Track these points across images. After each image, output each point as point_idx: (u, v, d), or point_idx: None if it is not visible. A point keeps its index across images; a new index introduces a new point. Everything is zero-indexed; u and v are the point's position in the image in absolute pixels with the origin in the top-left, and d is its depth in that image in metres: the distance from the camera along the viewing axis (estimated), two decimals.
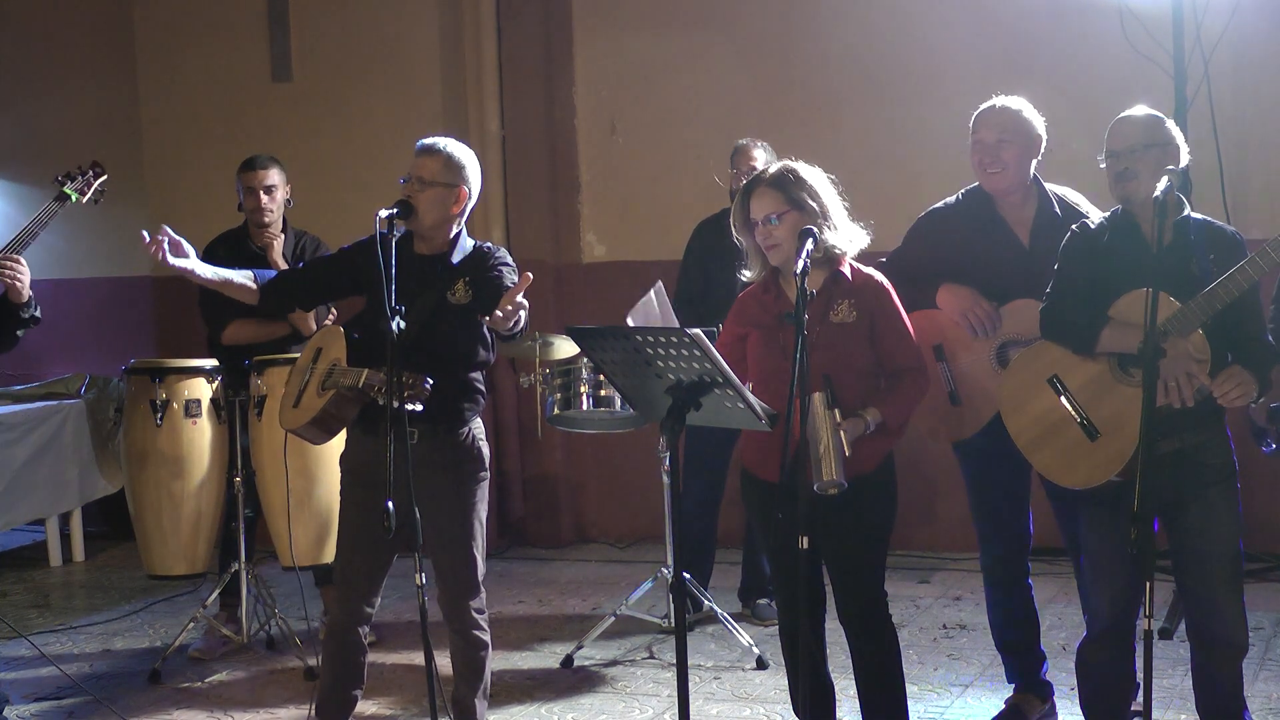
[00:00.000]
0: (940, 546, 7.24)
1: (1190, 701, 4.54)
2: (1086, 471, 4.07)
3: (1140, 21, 6.72)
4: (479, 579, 4.54)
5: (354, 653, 4.57)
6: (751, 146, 6.24)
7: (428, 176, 4.42)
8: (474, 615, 4.53)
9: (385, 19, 8.07)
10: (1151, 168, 3.98)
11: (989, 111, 4.70)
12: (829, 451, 3.96)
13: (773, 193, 4.16)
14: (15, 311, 5.03)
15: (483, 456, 4.55)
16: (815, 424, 3.97)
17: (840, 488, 3.97)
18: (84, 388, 7.95)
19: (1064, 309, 4.13)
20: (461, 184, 4.46)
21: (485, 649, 4.58)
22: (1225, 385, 3.87)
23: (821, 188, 4.19)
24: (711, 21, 7.79)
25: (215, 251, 6.06)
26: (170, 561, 5.86)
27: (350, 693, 4.60)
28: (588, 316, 7.78)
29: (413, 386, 4.15)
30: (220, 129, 8.25)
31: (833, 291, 4.19)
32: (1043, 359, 4.18)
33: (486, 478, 4.58)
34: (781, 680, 5.48)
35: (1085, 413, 4.06)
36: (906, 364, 4.23)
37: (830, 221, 4.15)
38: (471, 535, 4.50)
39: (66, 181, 5.53)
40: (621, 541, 7.99)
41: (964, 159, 4.80)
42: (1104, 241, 4.10)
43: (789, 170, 4.20)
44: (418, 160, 4.45)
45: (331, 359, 4.51)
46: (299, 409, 4.57)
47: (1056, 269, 4.21)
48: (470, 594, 4.52)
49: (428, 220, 4.42)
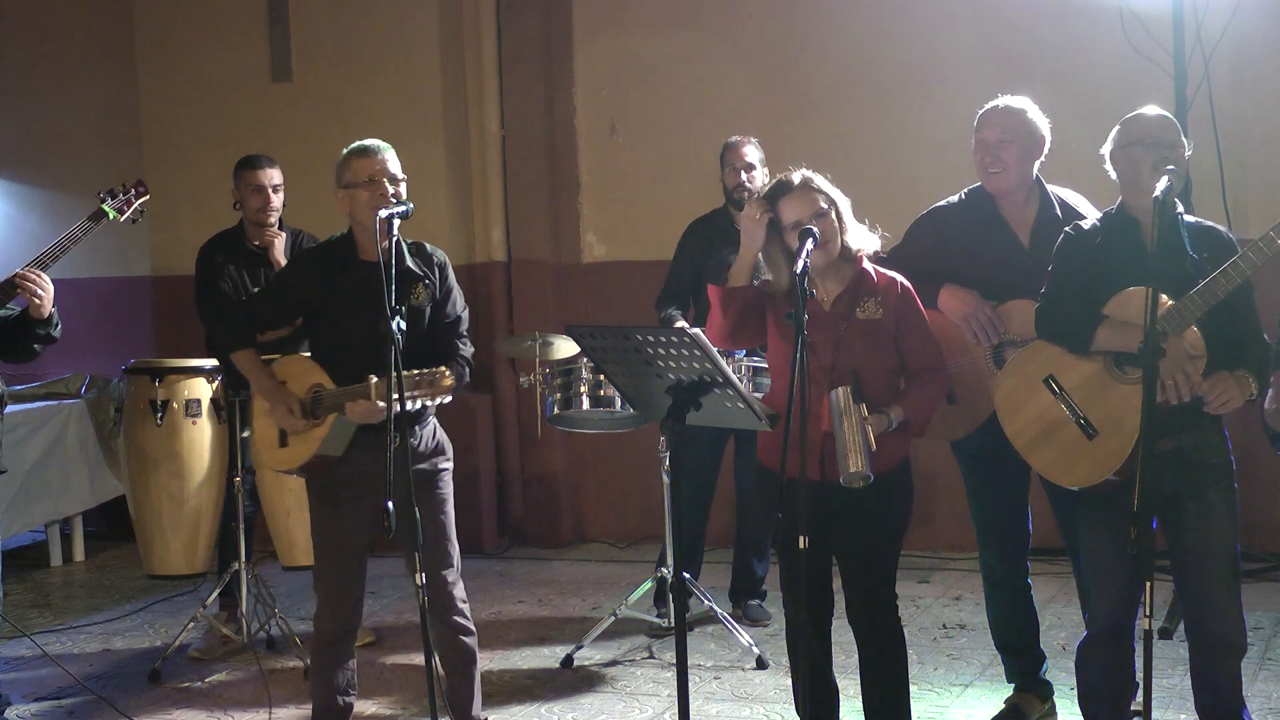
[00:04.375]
0: (940, 546, 7.23)
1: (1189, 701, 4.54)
2: (1085, 470, 4.07)
3: (1140, 21, 6.73)
4: (457, 567, 4.58)
5: (345, 659, 4.59)
6: (742, 144, 6.24)
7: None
8: (459, 604, 4.57)
9: (385, 19, 8.06)
10: (1179, 165, 4.01)
11: (992, 111, 4.70)
12: (855, 444, 3.98)
13: (808, 194, 4.20)
14: (35, 327, 5.02)
15: (447, 446, 4.62)
16: (841, 417, 3.99)
17: (866, 480, 4.00)
18: (84, 388, 7.95)
19: (1059, 309, 4.14)
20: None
21: (472, 635, 4.61)
22: (1213, 392, 3.88)
23: (836, 192, 4.26)
24: (711, 21, 7.79)
25: (212, 253, 6.05)
26: (170, 561, 5.87)
27: (345, 700, 4.62)
28: (588, 316, 7.78)
29: (434, 383, 4.14)
30: (220, 129, 8.25)
31: (859, 289, 4.23)
32: (1037, 360, 4.19)
33: (452, 465, 4.63)
34: (781, 680, 5.48)
35: (1082, 412, 4.07)
36: (929, 364, 4.28)
37: (845, 221, 4.23)
38: (447, 523, 4.56)
39: (107, 199, 5.48)
40: (621, 541, 7.99)
41: (963, 159, 4.80)
42: (1097, 242, 4.11)
43: (809, 173, 4.26)
44: (392, 157, 4.47)
45: (309, 386, 4.48)
46: (291, 448, 4.51)
47: (1051, 270, 4.22)
48: (453, 582, 4.55)
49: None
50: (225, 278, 5.97)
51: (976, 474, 4.84)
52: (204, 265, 6.05)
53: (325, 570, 4.57)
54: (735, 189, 6.22)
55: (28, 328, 5.02)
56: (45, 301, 4.95)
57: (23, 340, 5.05)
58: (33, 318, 4.99)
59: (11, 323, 5.06)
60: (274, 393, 4.53)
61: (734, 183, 6.22)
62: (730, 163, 6.24)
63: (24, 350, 5.08)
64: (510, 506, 8.14)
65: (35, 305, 4.95)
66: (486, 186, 8.14)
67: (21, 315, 5.03)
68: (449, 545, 4.56)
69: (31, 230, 8.03)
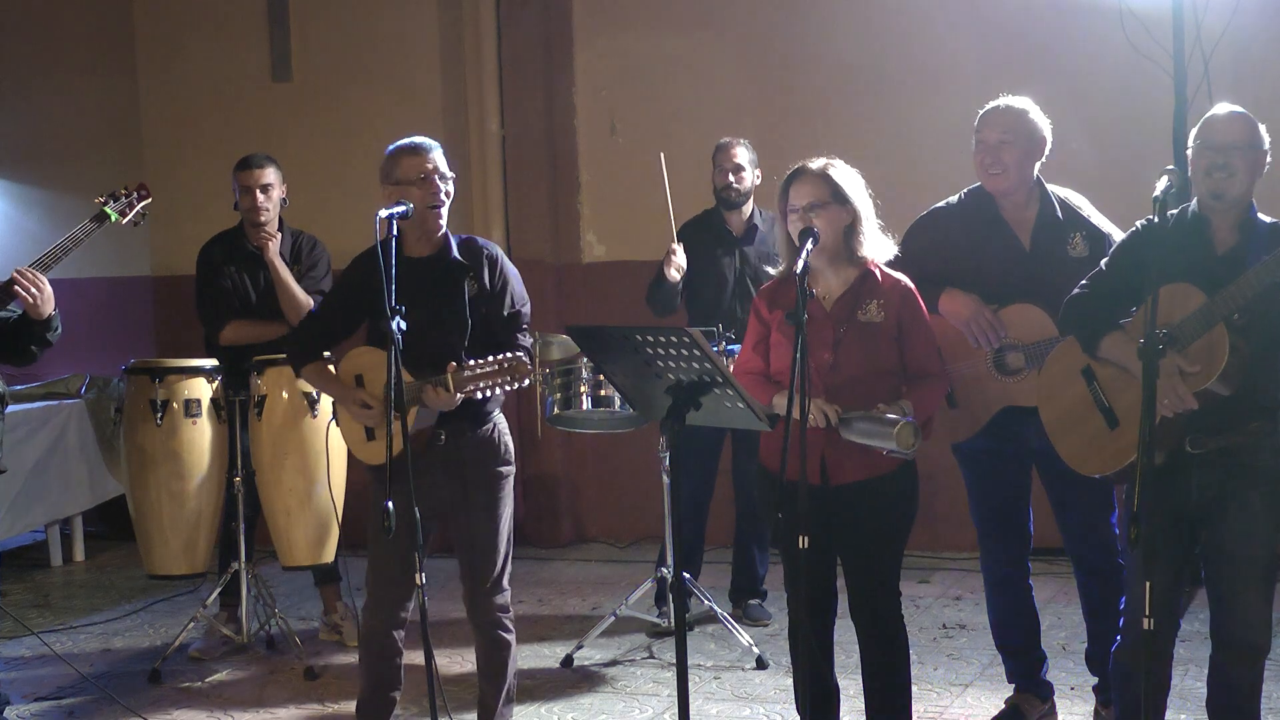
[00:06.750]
0: (940, 546, 7.23)
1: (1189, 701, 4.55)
2: (1102, 460, 4.07)
3: (1140, 21, 6.72)
4: (505, 577, 4.56)
5: (390, 656, 4.58)
6: (732, 145, 6.27)
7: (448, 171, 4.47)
8: (498, 615, 4.56)
9: (385, 19, 8.07)
10: (1246, 167, 3.93)
11: (993, 112, 4.69)
12: (877, 422, 4.01)
13: (817, 181, 4.18)
14: (34, 328, 5.01)
15: (509, 452, 4.58)
16: (859, 435, 4.04)
17: (912, 445, 4.01)
18: (84, 388, 7.94)
19: (1084, 305, 4.11)
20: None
21: (509, 648, 4.59)
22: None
23: (861, 189, 4.23)
24: (712, 21, 7.79)
25: (211, 252, 6.07)
26: (170, 561, 5.86)
27: (389, 695, 4.62)
28: (588, 316, 7.79)
29: (515, 368, 4.19)
30: (220, 129, 8.25)
31: (861, 291, 4.21)
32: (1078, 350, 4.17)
33: (513, 473, 4.60)
34: (781, 680, 5.48)
35: (1108, 402, 4.06)
36: (929, 370, 4.27)
37: (863, 224, 4.20)
38: (499, 532, 4.53)
39: (108, 201, 5.47)
40: (621, 541, 7.99)
41: (964, 159, 4.80)
42: (1167, 235, 3.94)
43: (834, 163, 4.24)
44: (440, 155, 4.49)
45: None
46: (379, 440, 4.45)
47: (1105, 260, 4.16)
48: (495, 591, 4.54)
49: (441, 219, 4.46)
50: (225, 278, 5.98)
51: (977, 475, 4.83)
52: (204, 265, 6.05)
53: (373, 568, 4.57)
54: (724, 190, 6.26)
55: (28, 329, 5.01)
56: (41, 302, 4.93)
57: (22, 342, 5.04)
58: (32, 319, 4.98)
59: (12, 324, 5.05)
60: (348, 397, 4.52)
61: (722, 183, 6.26)
62: (720, 164, 6.27)
63: (22, 352, 5.07)
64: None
65: (31, 306, 4.93)
66: (486, 186, 8.14)
67: (22, 317, 5.02)
68: (496, 553, 4.52)
69: (31, 230, 8.02)
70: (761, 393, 4.20)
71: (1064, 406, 4.20)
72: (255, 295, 5.98)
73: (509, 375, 4.22)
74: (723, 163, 6.26)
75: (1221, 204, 3.95)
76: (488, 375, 4.23)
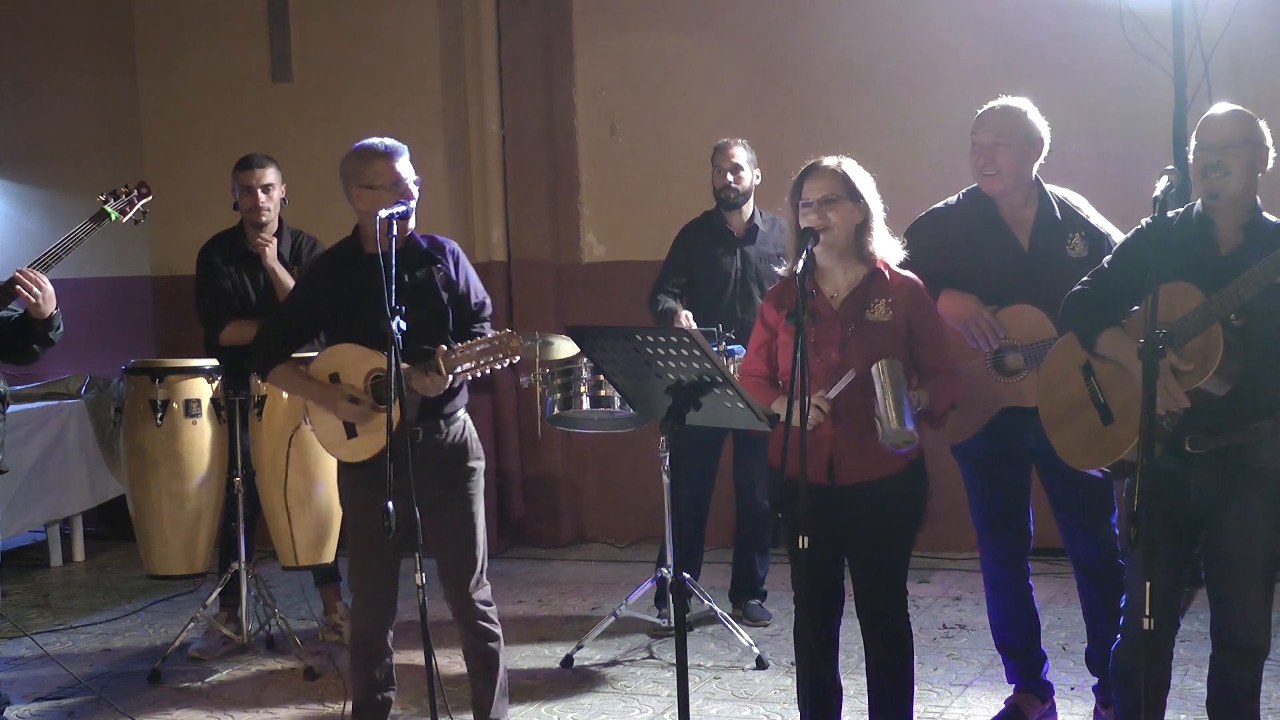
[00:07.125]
0: (940, 546, 7.23)
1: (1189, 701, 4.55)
2: (1092, 454, 4.07)
3: (1140, 21, 6.72)
4: (483, 571, 4.57)
5: (381, 657, 4.59)
6: (730, 145, 6.28)
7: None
8: (480, 607, 4.56)
9: (385, 19, 8.06)
10: (1243, 165, 3.91)
11: (988, 113, 4.68)
12: (896, 407, 3.95)
13: (832, 176, 4.20)
14: (35, 327, 5.01)
15: (477, 446, 4.59)
16: (883, 388, 3.96)
17: (910, 441, 3.98)
18: (84, 388, 7.94)
19: (1083, 302, 4.11)
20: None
21: (495, 640, 4.60)
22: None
23: (872, 189, 4.25)
24: (712, 21, 7.80)
25: (211, 252, 6.06)
26: (170, 561, 5.86)
27: (384, 696, 4.62)
28: (588, 316, 7.78)
29: (505, 344, 4.22)
30: (220, 129, 8.25)
31: (869, 290, 4.21)
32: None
33: (483, 466, 4.60)
34: (781, 680, 5.49)
35: (1104, 397, 4.06)
36: (943, 365, 4.27)
37: (874, 222, 4.21)
38: (474, 527, 4.53)
39: (109, 200, 5.46)
40: (621, 541, 7.99)
41: (964, 160, 4.78)
42: (1170, 235, 3.94)
43: (848, 161, 4.25)
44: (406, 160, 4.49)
45: (367, 372, 4.47)
46: (364, 436, 4.46)
47: (1107, 258, 4.17)
48: (475, 586, 4.54)
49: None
50: (225, 278, 5.98)
51: (977, 476, 4.83)
52: (204, 266, 6.06)
53: (358, 570, 4.57)
54: (722, 190, 6.27)
55: (30, 329, 5.01)
56: (43, 301, 4.94)
57: (23, 341, 5.04)
58: (33, 318, 4.99)
59: (14, 324, 5.06)
60: (326, 395, 4.50)
61: (721, 184, 6.27)
62: (718, 164, 6.28)
63: (24, 351, 5.07)
64: (510, 507, 8.14)
65: (32, 305, 4.95)
66: (486, 186, 8.14)
67: (23, 316, 5.03)
68: (474, 549, 4.53)
69: (31, 230, 8.02)
70: (764, 395, 4.20)
71: (1061, 399, 4.20)
72: (255, 295, 5.99)
73: (501, 352, 4.24)
74: (721, 163, 6.27)
75: (1219, 203, 3.94)
76: (479, 354, 4.24)
